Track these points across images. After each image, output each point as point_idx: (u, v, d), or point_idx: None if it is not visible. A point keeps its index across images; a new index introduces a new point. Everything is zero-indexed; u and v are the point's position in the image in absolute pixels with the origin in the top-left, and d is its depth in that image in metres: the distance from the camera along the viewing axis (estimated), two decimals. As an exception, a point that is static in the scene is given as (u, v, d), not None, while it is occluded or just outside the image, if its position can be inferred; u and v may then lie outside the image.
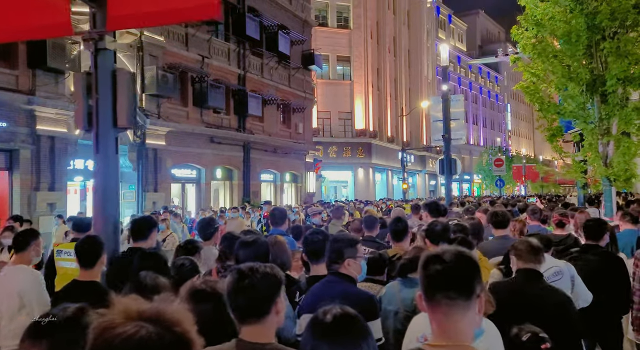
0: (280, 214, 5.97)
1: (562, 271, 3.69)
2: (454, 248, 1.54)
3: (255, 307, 1.79)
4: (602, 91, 9.66)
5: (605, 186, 9.85)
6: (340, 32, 37.06)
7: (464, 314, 1.44)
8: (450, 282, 1.45)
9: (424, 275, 1.50)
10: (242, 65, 20.81)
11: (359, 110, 37.17)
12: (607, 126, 9.84)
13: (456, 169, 15.16)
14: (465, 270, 1.48)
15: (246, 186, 20.98)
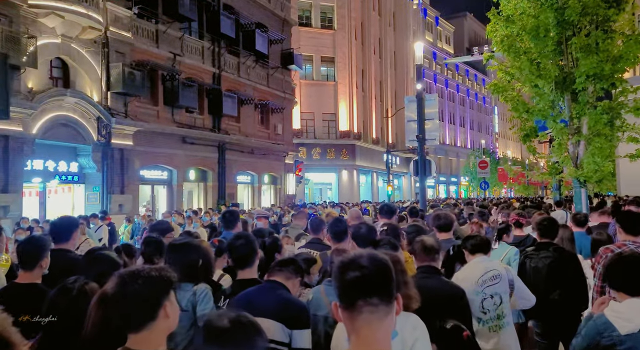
0: (231, 217, 5.64)
1: (500, 275, 3.68)
2: (366, 252, 1.49)
3: (139, 314, 1.70)
4: (573, 89, 9.32)
5: (576, 188, 9.50)
6: (324, 32, 36.66)
7: (384, 320, 1.42)
8: (371, 288, 1.41)
9: (341, 282, 1.43)
10: (217, 64, 20.30)
11: (343, 112, 36.77)
12: (577, 125, 9.50)
13: (431, 170, 14.79)
14: (383, 274, 1.44)
15: (221, 188, 20.46)
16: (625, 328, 2.37)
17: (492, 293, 3.61)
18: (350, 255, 1.48)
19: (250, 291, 2.88)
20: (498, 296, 3.63)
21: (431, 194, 54.76)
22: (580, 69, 8.81)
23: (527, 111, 9.70)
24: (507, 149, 74.97)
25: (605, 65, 8.77)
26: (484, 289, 3.60)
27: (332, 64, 37.03)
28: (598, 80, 8.94)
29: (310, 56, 36.60)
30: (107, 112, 14.94)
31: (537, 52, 9.27)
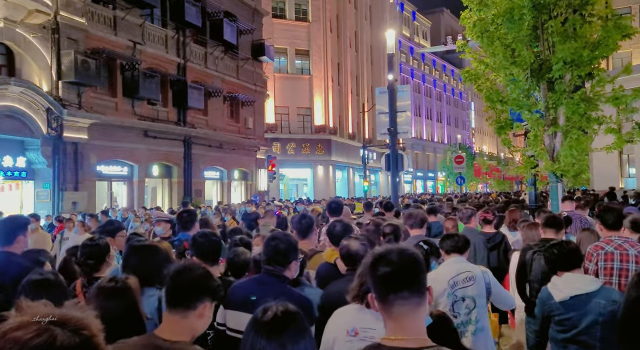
0: (189, 217, 5.17)
1: (475, 277, 3.53)
2: (397, 247, 1.55)
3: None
4: (549, 78, 8.76)
5: (552, 182, 8.96)
6: (298, 24, 35.81)
7: (417, 310, 1.49)
8: (402, 283, 1.48)
9: (373, 277, 1.52)
10: (182, 54, 19.31)
11: (319, 106, 36.03)
12: (554, 116, 8.95)
13: (403, 165, 14.17)
14: (412, 269, 1.50)
15: (187, 184, 19.51)
16: (558, 296, 3.03)
17: (464, 295, 3.46)
18: (382, 250, 1.55)
19: (249, 285, 2.84)
20: (470, 299, 3.46)
21: (408, 189, 54.61)
22: (557, 55, 8.23)
23: (500, 101, 9.10)
24: (483, 144, 75.39)
25: (583, 52, 8.21)
26: (455, 290, 3.46)
27: (307, 57, 36.23)
28: (575, 68, 8.37)
29: (285, 49, 35.76)
30: (57, 103, 13.87)
31: (512, 37, 8.66)
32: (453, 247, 3.70)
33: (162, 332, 1.82)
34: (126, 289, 2.26)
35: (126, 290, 2.26)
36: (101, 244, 3.27)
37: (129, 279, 2.32)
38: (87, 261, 3.15)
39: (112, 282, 2.28)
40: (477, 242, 5.67)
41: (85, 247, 3.22)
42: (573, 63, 8.37)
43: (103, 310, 1.85)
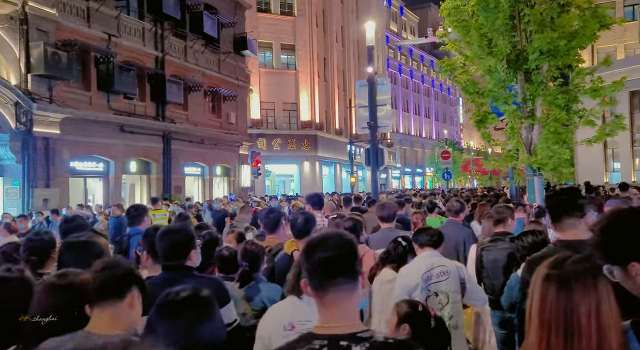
0: (136, 212, 5.09)
1: (449, 272, 3.46)
2: (334, 233, 1.55)
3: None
4: (526, 68, 8.55)
5: (530, 176, 8.76)
6: (283, 19, 35.38)
7: (351, 296, 1.49)
8: (336, 269, 1.47)
9: (308, 263, 1.50)
10: (160, 47, 18.86)
11: (305, 101, 35.68)
12: (531, 108, 8.75)
13: (383, 160, 13.91)
14: (347, 255, 1.50)
15: (167, 180, 19.10)
16: None
17: (438, 290, 3.38)
18: (317, 236, 1.55)
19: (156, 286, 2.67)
20: (444, 294, 3.39)
21: (396, 185, 54.54)
22: (534, 45, 8.02)
23: (477, 92, 8.87)
24: (471, 139, 75.54)
25: (560, 42, 8.00)
26: (429, 285, 3.38)
27: (293, 52, 35.85)
28: (552, 58, 8.18)
29: (270, 43, 35.35)
30: (26, 96, 13.41)
31: (488, 26, 8.43)
32: (428, 241, 3.60)
33: (93, 327, 1.79)
34: (72, 286, 2.17)
35: (72, 286, 2.17)
36: (45, 238, 3.08)
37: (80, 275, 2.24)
38: (30, 257, 2.97)
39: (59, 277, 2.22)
40: (465, 236, 5.60)
41: (29, 242, 3.07)
42: (550, 53, 8.17)
43: (48, 308, 1.85)
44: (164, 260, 2.71)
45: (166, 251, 2.70)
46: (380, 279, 3.98)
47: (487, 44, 8.55)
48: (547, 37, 7.85)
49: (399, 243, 4.12)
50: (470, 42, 8.43)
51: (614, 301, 1.35)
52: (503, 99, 8.55)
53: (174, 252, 2.70)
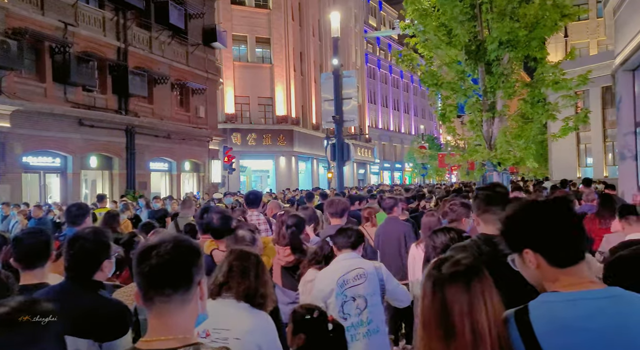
0: (78, 211, 4.73)
1: (367, 274, 3.31)
2: (171, 238, 1.42)
3: None
4: (487, 60, 8.24)
5: (490, 172, 8.47)
6: (258, 11, 34.73)
7: (183, 308, 1.38)
8: (164, 279, 1.36)
9: (137, 271, 1.38)
10: (123, 38, 18.14)
11: (280, 96, 35.15)
12: (492, 101, 8.44)
13: (349, 155, 13.57)
14: (181, 262, 1.38)
15: (131, 176, 18.44)
16: None
17: (355, 295, 3.24)
18: (150, 243, 1.42)
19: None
20: (362, 298, 3.24)
21: (375, 180, 54.42)
22: (493, 35, 7.70)
23: (435, 84, 8.53)
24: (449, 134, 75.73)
25: (519, 32, 7.69)
26: (345, 290, 3.23)
27: (268, 46, 35.24)
28: (512, 49, 7.86)
29: (244, 37, 34.71)
30: (-28, 87, 12.67)
31: (448, 15, 8.08)
32: (345, 242, 3.43)
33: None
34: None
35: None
36: None
37: None
38: None
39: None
40: (405, 231, 5.58)
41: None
42: (509, 44, 7.85)
43: None
44: (66, 269, 2.37)
45: (71, 260, 2.36)
46: (304, 279, 3.81)
47: (446, 34, 8.21)
48: (506, 27, 7.54)
49: (326, 242, 3.93)
50: (425, 32, 8.07)
51: (492, 300, 1.41)
52: (462, 91, 8.23)
53: (80, 261, 2.37)
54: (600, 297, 1.41)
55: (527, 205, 1.56)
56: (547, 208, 1.51)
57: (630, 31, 8.21)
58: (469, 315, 1.39)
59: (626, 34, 8.50)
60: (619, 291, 1.43)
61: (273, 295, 2.41)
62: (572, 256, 1.46)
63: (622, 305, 1.39)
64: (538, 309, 1.42)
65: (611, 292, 1.42)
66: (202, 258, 1.43)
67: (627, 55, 8.41)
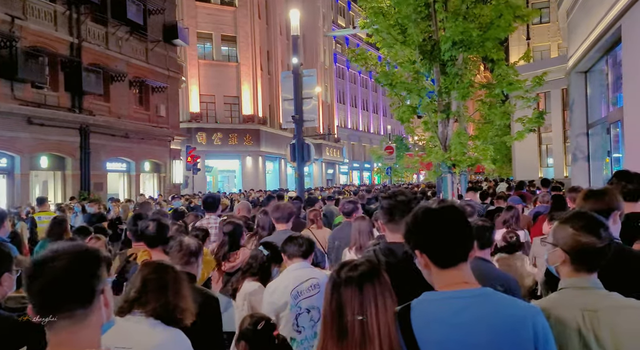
0: None
1: (320, 284, 3.14)
2: (63, 248, 1.33)
3: None
4: (442, 60, 8.13)
5: (444, 173, 8.36)
6: (224, 9, 34.17)
7: (85, 322, 1.30)
8: (61, 296, 1.27)
9: (28, 290, 1.29)
10: (76, 33, 17.38)
11: (247, 95, 34.68)
12: (447, 102, 8.34)
13: (310, 155, 13.29)
14: (79, 274, 1.30)
15: (85, 177, 17.69)
16: None
17: (309, 306, 3.10)
18: (40, 257, 1.32)
19: None
20: (316, 310, 3.09)
21: (344, 180, 54.44)
22: (446, 34, 7.58)
23: (390, 84, 8.37)
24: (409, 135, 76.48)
25: (473, 32, 7.59)
26: (299, 301, 3.09)
27: (234, 44, 34.71)
28: (466, 49, 7.77)
29: (210, 34, 34.10)
30: None
31: (402, 14, 7.93)
32: (296, 251, 3.26)
33: None
34: None
35: None
36: None
37: None
38: None
39: None
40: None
41: None
42: (463, 44, 7.75)
43: None
44: None
45: None
46: (244, 291, 3.55)
47: (400, 33, 8.06)
48: (459, 27, 7.42)
49: (259, 251, 3.71)
50: (379, 30, 7.91)
51: (384, 302, 1.53)
52: (417, 92, 8.10)
53: None
54: (468, 296, 1.53)
55: (419, 211, 1.66)
56: (434, 214, 1.61)
57: (581, 33, 8.25)
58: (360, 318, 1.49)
59: (578, 36, 8.54)
60: (488, 291, 1.56)
61: (192, 308, 2.28)
62: (451, 258, 1.58)
63: (487, 303, 1.52)
64: (417, 307, 1.55)
65: (480, 292, 1.55)
66: (102, 265, 1.35)
67: (578, 58, 8.45)
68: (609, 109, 7.94)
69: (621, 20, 6.37)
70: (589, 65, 8.52)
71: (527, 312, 1.51)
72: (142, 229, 3.70)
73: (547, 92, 28.05)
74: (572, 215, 1.85)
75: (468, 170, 17.82)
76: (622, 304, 1.71)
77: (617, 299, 1.74)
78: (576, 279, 1.79)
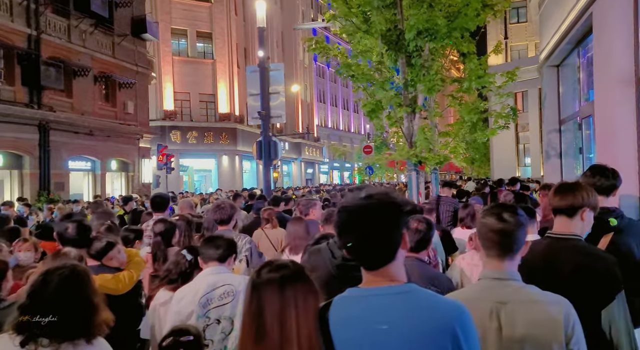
0: None
1: (236, 291, 2.83)
2: None
3: None
4: (408, 51, 7.66)
5: (410, 171, 7.89)
6: (199, 5, 33.41)
7: None
8: None
9: None
10: (35, 24, 16.50)
11: (223, 93, 33.97)
12: (413, 95, 7.87)
13: (276, 153, 12.75)
14: None
15: (45, 176, 16.82)
16: None
17: (220, 316, 2.82)
18: None
19: None
20: (228, 321, 2.81)
21: (325, 179, 54.01)
22: (410, 23, 7.09)
23: (352, 76, 7.87)
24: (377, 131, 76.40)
25: (438, 20, 7.12)
26: (208, 311, 2.81)
27: (210, 40, 33.98)
28: (431, 38, 7.30)
29: (184, 30, 33.34)
30: None
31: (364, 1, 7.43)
32: (212, 254, 2.93)
33: None
34: None
35: None
36: None
37: None
38: None
39: None
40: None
41: None
42: (428, 33, 7.28)
43: None
44: None
45: None
46: (156, 301, 3.22)
47: (364, 22, 7.56)
48: (424, 14, 6.95)
49: (182, 256, 3.33)
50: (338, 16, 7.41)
51: (305, 304, 1.48)
52: (379, 84, 7.61)
53: None
54: (391, 293, 1.45)
55: (338, 207, 1.58)
56: (350, 212, 1.51)
57: (553, 25, 7.86)
58: (279, 319, 1.45)
59: (549, 28, 8.16)
60: (412, 288, 1.47)
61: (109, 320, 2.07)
62: (372, 263, 1.49)
63: (408, 303, 1.44)
64: (337, 304, 1.49)
65: (403, 289, 1.47)
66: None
67: (550, 50, 8.07)
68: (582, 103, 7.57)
69: (592, 7, 5.96)
70: (561, 58, 8.15)
71: (450, 314, 1.43)
72: (61, 231, 3.61)
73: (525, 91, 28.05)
74: (491, 205, 1.92)
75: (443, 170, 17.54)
76: (532, 299, 1.74)
77: (529, 293, 1.75)
78: (490, 270, 1.82)
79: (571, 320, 1.70)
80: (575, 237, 2.21)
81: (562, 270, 2.09)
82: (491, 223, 1.79)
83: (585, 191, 2.29)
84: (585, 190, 2.29)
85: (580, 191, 2.28)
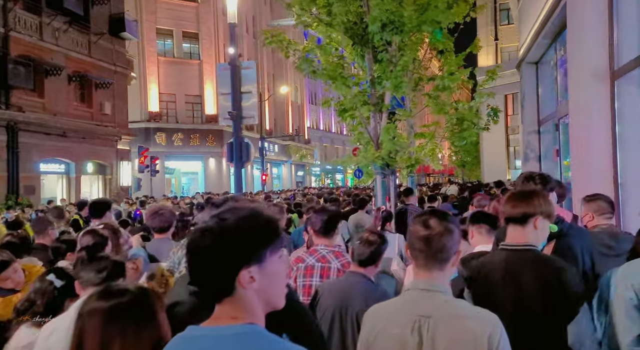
0: None
1: None
2: None
3: None
4: (374, 45, 7.13)
5: (376, 174, 7.34)
6: (185, 4, 32.85)
7: None
8: None
9: None
10: (3, 21, 15.89)
11: (210, 94, 33.38)
12: (380, 93, 7.33)
13: (249, 155, 12.16)
14: None
15: (14, 179, 16.18)
16: None
17: None
18: None
19: None
20: None
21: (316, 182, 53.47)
22: (373, 14, 6.55)
23: (314, 71, 7.32)
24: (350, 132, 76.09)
25: (403, 12, 6.58)
26: None
27: (196, 41, 33.42)
28: (397, 31, 6.75)
29: (170, 30, 32.76)
30: None
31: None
32: (92, 278, 2.45)
33: None
34: None
35: None
36: None
37: None
38: None
39: None
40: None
41: None
42: (394, 26, 6.74)
43: None
44: None
45: None
46: (16, 344, 2.52)
47: (326, 14, 7.03)
48: (387, 5, 6.41)
49: (49, 282, 2.72)
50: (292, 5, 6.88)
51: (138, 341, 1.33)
52: (342, 81, 7.06)
53: None
54: (219, 335, 1.20)
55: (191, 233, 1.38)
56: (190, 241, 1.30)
57: (530, 19, 7.35)
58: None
59: (527, 22, 7.64)
60: (250, 332, 1.19)
61: None
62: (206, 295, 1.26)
63: (242, 345, 1.18)
64: (171, 346, 1.26)
65: (236, 331, 1.19)
66: None
67: (528, 46, 7.54)
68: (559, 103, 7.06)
69: (566, -4, 5.44)
70: (539, 54, 7.64)
71: None
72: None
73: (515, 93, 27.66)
74: (422, 212, 1.88)
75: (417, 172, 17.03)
76: (456, 313, 1.65)
77: (455, 307, 1.67)
78: (417, 280, 1.76)
79: (496, 339, 1.55)
80: (531, 247, 2.12)
81: (527, 284, 2.00)
82: (417, 230, 1.71)
83: (538, 198, 2.20)
84: (539, 197, 2.20)
85: (533, 198, 2.20)
